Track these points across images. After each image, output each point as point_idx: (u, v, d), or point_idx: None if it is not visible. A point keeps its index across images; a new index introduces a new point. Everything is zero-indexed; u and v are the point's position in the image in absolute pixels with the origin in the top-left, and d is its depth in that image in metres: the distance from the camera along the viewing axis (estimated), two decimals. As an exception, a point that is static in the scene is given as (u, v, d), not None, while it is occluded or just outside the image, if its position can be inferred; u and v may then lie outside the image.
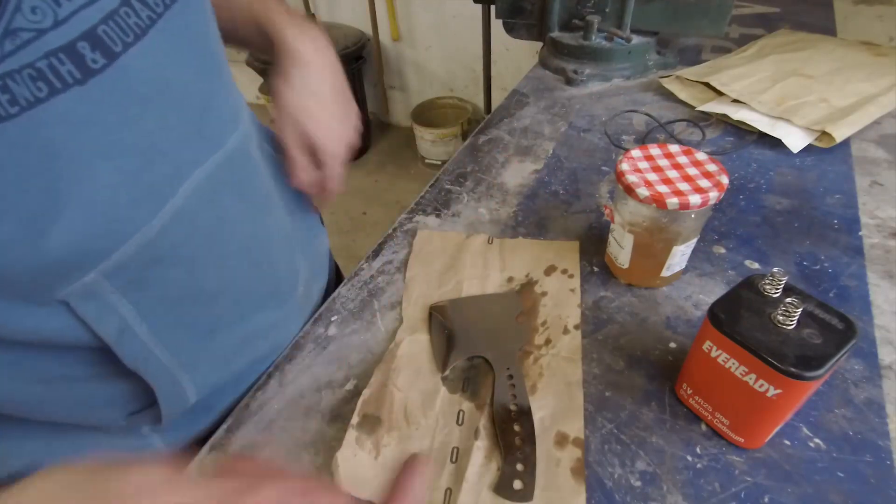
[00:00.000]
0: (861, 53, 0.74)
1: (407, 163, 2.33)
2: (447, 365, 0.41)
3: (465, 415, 0.38)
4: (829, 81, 0.66)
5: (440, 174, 0.63)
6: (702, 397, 0.36)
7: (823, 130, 0.59)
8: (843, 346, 0.29)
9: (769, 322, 0.31)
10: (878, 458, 0.34)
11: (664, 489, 0.33)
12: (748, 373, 0.31)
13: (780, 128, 0.61)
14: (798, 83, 0.67)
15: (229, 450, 0.37)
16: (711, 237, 0.50)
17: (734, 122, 0.65)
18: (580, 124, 0.70)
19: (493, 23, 1.37)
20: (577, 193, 0.58)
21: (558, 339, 0.42)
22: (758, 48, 0.79)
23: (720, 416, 0.35)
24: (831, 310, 0.31)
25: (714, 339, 0.32)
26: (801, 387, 0.29)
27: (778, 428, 0.33)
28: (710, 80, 0.69)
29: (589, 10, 0.80)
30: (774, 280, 0.31)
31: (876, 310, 0.43)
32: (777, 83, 0.67)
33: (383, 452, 0.36)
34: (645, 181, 0.40)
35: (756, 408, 0.32)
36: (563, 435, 0.36)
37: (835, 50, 0.75)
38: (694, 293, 0.45)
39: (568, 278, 0.47)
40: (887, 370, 0.38)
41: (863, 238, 0.49)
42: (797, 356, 0.29)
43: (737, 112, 0.64)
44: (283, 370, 0.42)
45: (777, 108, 0.63)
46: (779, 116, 0.62)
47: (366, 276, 0.50)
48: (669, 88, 0.73)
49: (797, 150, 0.60)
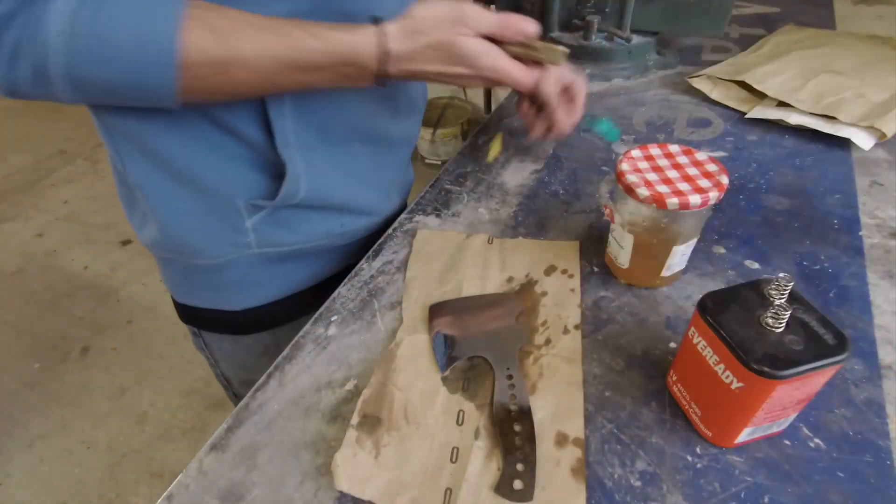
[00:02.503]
0: (881, 48, 0.73)
1: (407, 163, 2.33)
2: (447, 365, 0.41)
3: (465, 415, 0.38)
4: (860, 77, 0.66)
5: (440, 174, 0.63)
6: (683, 385, 0.36)
7: (872, 126, 0.59)
8: (822, 358, 0.29)
9: (755, 321, 0.31)
10: (878, 458, 0.34)
11: (664, 489, 0.33)
12: (719, 362, 0.31)
13: (843, 129, 0.60)
14: (830, 80, 0.66)
15: (229, 449, 0.37)
16: (711, 237, 0.50)
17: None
18: (580, 124, 0.70)
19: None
20: (577, 193, 0.58)
21: (558, 339, 0.42)
22: (772, 45, 0.78)
23: (695, 407, 0.35)
24: (830, 325, 0.30)
25: (698, 326, 0.33)
26: (763, 384, 0.29)
27: (748, 429, 0.33)
28: (745, 77, 0.68)
29: (589, 10, 0.80)
30: (780, 285, 0.31)
31: (876, 310, 0.43)
32: (809, 80, 0.66)
33: (383, 452, 0.36)
34: (645, 181, 0.40)
35: (722, 400, 0.32)
36: (563, 435, 0.36)
37: (854, 45, 0.74)
38: (694, 293, 0.45)
39: (568, 278, 0.47)
40: (887, 370, 0.38)
41: (863, 238, 0.49)
42: (767, 354, 0.29)
43: (789, 116, 0.63)
44: (283, 370, 0.42)
45: (816, 105, 0.62)
46: (822, 114, 0.61)
47: (366, 276, 0.50)
48: (699, 88, 0.72)
49: (868, 148, 0.59)
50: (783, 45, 0.78)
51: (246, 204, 0.49)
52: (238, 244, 0.51)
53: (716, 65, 0.75)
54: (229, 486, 0.35)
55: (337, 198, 0.53)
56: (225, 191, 0.48)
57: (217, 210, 0.49)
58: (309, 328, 0.46)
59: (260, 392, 0.41)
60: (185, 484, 0.36)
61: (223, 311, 0.58)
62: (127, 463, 1.37)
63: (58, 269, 1.96)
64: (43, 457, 1.39)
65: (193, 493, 0.35)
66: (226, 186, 0.48)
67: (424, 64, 0.43)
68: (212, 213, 0.49)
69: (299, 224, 0.52)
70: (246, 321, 0.59)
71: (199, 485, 0.36)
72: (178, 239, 0.51)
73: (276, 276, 0.57)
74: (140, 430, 1.44)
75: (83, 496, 1.31)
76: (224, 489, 0.35)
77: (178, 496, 0.35)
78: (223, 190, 0.48)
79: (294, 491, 0.35)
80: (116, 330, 1.72)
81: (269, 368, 0.43)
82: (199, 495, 0.35)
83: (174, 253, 0.53)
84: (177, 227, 0.50)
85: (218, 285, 0.56)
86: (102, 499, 1.30)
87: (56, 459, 1.38)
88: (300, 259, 0.56)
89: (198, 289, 0.57)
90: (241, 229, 0.50)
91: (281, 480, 0.35)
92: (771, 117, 0.64)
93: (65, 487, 1.32)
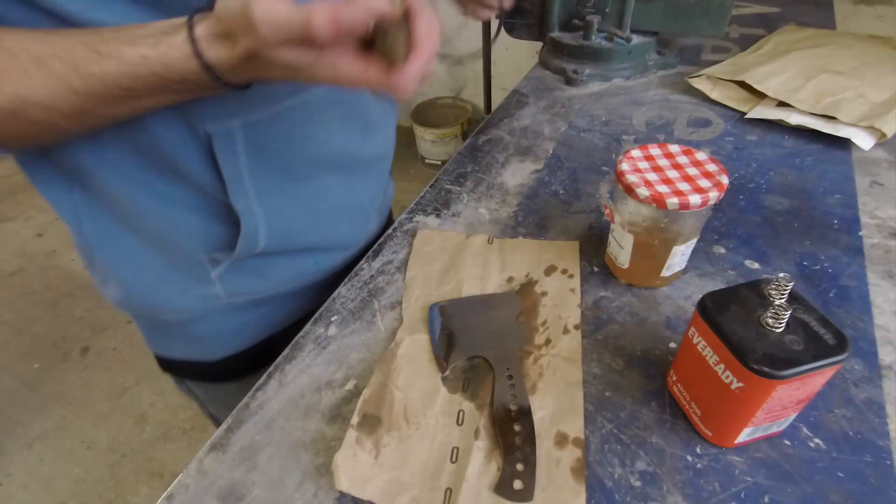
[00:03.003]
0: (880, 48, 0.73)
1: (407, 163, 2.34)
2: (447, 365, 0.41)
3: (465, 415, 0.38)
4: (860, 77, 0.66)
5: (440, 174, 0.63)
6: (683, 385, 0.36)
7: (872, 126, 0.59)
8: (821, 359, 0.29)
9: (755, 321, 0.31)
10: (878, 458, 0.34)
11: (664, 489, 0.33)
12: (719, 362, 0.31)
13: (843, 129, 0.60)
14: (830, 80, 0.66)
15: (229, 449, 0.37)
16: (711, 237, 0.50)
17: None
18: (580, 124, 0.70)
19: (493, 23, 1.37)
20: (577, 193, 0.58)
21: (558, 339, 0.42)
22: (772, 45, 0.78)
23: (695, 406, 0.35)
24: (830, 326, 0.30)
25: (698, 326, 0.33)
26: (763, 384, 0.29)
27: (748, 429, 0.33)
28: (745, 77, 0.68)
29: (589, 10, 0.80)
30: (780, 285, 0.31)
31: (876, 310, 0.43)
32: (809, 80, 0.66)
33: (383, 452, 0.36)
34: (645, 181, 0.40)
35: (722, 400, 0.32)
36: (563, 435, 0.36)
37: (854, 45, 0.74)
38: (694, 293, 0.45)
39: (568, 278, 0.47)
40: (887, 370, 0.38)
41: (863, 238, 0.49)
42: (767, 354, 0.29)
43: (789, 116, 0.63)
44: (283, 370, 0.42)
45: (816, 105, 0.62)
46: (822, 114, 0.61)
47: (366, 276, 0.50)
48: (699, 88, 0.72)
49: (868, 148, 0.59)
50: (783, 44, 0.78)
51: (207, 256, 0.46)
52: (206, 296, 0.48)
53: (716, 65, 0.75)
54: (229, 486, 0.35)
55: (304, 240, 0.49)
56: (183, 243, 0.44)
57: (179, 264, 0.45)
58: (309, 328, 0.46)
59: (260, 392, 0.41)
60: (185, 484, 0.36)
61: (201, 363, 0.55)
62: (127, 463, 1.37)
63: (58, 269, 1.97)
64: (43, 457, 1.39)
65: (193, 493, 0.35)
66: (183, 238, 0.44)
67: (261, 72, 0.32)
68: (174, 268, 0.46)
69: (268, 269, 0.49)
70: (226, 369, 0.56)
71: (199, 485, 0.36)
72: (141, 297, 0.47)
73: (252, 321, 0.54)
74: (140, 430, 1.44)
75: (83, 496, 1.31)
76: (224, 489, 0.35)
77: (178, 496, 0.35)
78: (181, 242, 0.44)
79: (294, 491, 0.35)
80: (116, 330, 1.72)
81: (269, 368, 0.43)
82: (199, 495, 0.35)
83: (140, 311, 0.50)
84: (139, 285, 0.47)
85: (191, 338, 0.52)
86: (102, 499, 1.30)
87: (56, 459, 1.38)
88: (276, 302, 0.53)
89: (172, 341, 0.54)
90: (207, 281, 0.47)
91: (281, 480, 0.35)
92: (771, 117, 0.64)
93: (65, 487, 1.32)
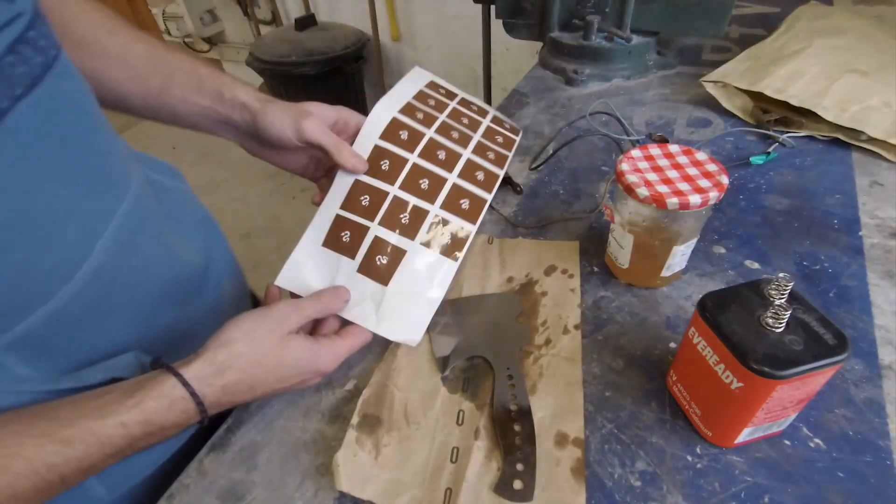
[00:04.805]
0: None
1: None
2: (447, 365, 0.41)
3: (465, 415, 0.38)
4: (885, 82, 0.63)
5: (440, 174, 0.63)
6: (683, 385, 0.36)
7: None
8: (822, 358, 0.29)
9: (755, 321, 0.31)
10: (878, 458, 0.34)
11: (664, 489, 0.33)
12: (719, 362, 0.31)
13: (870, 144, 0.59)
14: (854, 82, 0.63)
15: (229, 449, 0.37)
16: (711, 237, 0.50)
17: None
18: (580, 124, 0.70)
19: (493, 23, 1.37)
20: (577, 193, 0.58)
21: (558, 339, 0.42)
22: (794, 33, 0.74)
23: (695, 406, 0.35)
24: (830, 325, 0.30)
25: (698, 326, 0.33)
26: (763, 384, 0.29)
27: (748, 429, 0.33)
28: (763, 88, 0.64)
29: (589, 10, 0.80)
30: (780, 285, 0.31)
31: (876, 310, 0.43)
32: (833, 82, 0.63)
33: (383, 452, 0.36)
34: (645, 181, 0.40)
35: (722, 399, 0.32)
36: (563, 435, 0.36)
37: (874, 35, 0.71)
38: (694, 293, 0.45)
39: (568, 278, 0.47)
40: (887, 370, 0.38)
41: (863, 238, 0.49)
42: (767, 354, 0.29)
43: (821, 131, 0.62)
44: (283, 370, 0.42)
45: (842, 115, 0.60)
46: (849, 127, 0.60)
47: (366, 276, 0.50)
48: (715, 96, 0.69)
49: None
50: (803, 33, 0.73)
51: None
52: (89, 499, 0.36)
53: (730, 63, 0.71)
54: (229, 486, 0.35)
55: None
56: None
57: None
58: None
59: (260, 392, 0.41)
60: (185, 484, 0.36)
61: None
62: (127, 463, 1.36)
63: None
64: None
65: (193, 493, 0.35)
66: None
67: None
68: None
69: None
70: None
71: (199, 485, 0.36)
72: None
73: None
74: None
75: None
76: (224, 489, 0.35)
77: (178, 496, 0.35)
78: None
79: (294, 491, 0.35)
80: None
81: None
82: (199, 495, 0.35)
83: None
84: None
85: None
86: (102, 499, 1.30)
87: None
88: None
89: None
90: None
91: (281, 480, 0.35)
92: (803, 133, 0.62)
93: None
